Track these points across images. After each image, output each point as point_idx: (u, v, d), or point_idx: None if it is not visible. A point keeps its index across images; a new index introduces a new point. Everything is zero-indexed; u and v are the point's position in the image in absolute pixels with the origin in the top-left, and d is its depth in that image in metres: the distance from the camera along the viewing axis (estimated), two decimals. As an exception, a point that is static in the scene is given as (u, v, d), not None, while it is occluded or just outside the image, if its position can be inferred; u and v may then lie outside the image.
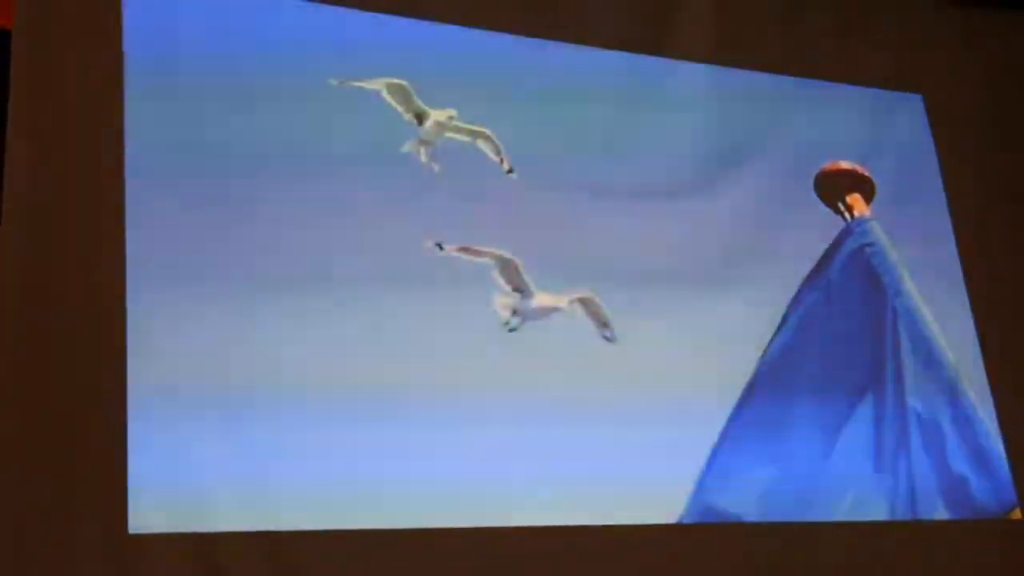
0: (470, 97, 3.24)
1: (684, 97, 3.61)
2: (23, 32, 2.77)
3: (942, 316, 3.65)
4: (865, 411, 3.44)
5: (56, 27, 2.81)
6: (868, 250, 3.66)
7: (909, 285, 3.66)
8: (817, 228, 3.64)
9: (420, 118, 3.19)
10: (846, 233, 3.66)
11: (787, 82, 3.77)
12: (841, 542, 3.23)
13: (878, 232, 3.70)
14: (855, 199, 3.72)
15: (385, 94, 3.16)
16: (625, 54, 3.55)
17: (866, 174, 3.77)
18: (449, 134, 3.20)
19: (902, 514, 3.38)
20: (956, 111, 3.98)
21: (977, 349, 3.66)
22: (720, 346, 3.31)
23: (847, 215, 3.70)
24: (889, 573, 3.26)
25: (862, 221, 3.70)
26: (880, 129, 3.87)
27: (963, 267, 3.76)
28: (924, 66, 4.01)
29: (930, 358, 3.59)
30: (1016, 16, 4.19)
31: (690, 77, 3.64)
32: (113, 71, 2.80)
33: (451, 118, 3.20)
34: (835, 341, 3.49)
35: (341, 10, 3.16)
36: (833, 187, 3.70)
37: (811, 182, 3.68)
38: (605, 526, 2.94)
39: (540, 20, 3.45)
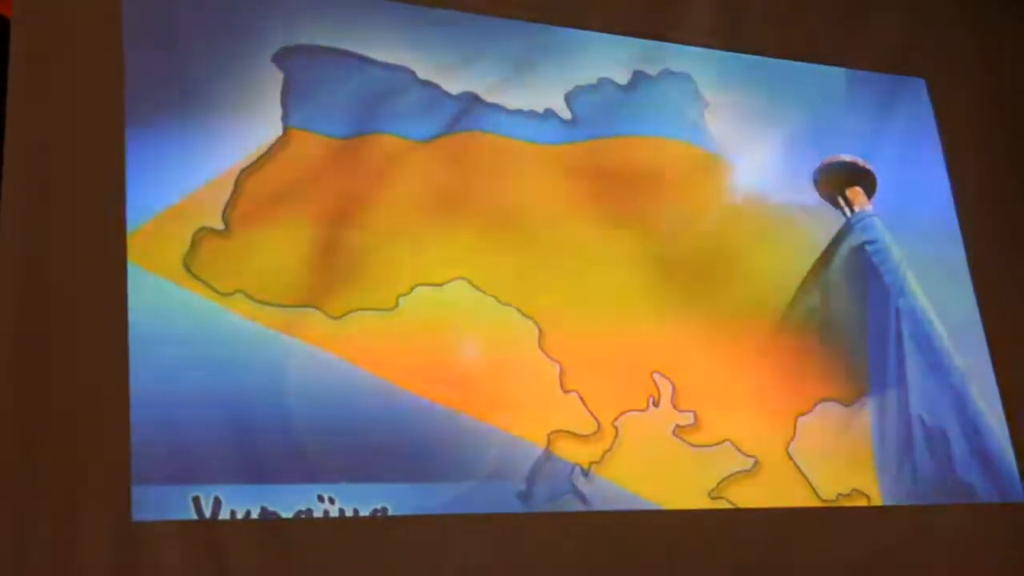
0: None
1: (684, 82, 3.53)
2: (22, 19, 2.79)
3: (948, 316, 3.58)
4: (866, 417, 3.35)
5: (55, 13, 2.83)
6: (869, 247, 3.59)
7: (913, 283, 3.58)
8: (817, 223, 3.55)
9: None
10: (846, 229, 3.59)
11: (787, 66, 3.71)
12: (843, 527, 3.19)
13: (880, 228, 3.62)
14: (855, 193, 3.64)
15: None
16: (625, 38, 3.50)
17: (867, 167, 3.70)
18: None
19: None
20: (959, 95, 3.96)
21: (985, 351, 3.59)
22: (714, 347, 3.22)
23: (847, 210, 3.62)
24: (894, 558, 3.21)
25: (863, 216, 3.62)
26: (882, 113, 3.82)
27: (969, 263, 3.69)
28: (927, 50, 3.98)
29: (935, 361, 3.52)
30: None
31: (690, 61, 3.56)
32: (114, 56, 2.82)
33: None
34: (834, 343, 3.41)
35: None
36: (833, 180, 3.63)
37: (811, 172, 3.61)
38: (604, 511, 2.93)
39: (538, 5, 3.41)
